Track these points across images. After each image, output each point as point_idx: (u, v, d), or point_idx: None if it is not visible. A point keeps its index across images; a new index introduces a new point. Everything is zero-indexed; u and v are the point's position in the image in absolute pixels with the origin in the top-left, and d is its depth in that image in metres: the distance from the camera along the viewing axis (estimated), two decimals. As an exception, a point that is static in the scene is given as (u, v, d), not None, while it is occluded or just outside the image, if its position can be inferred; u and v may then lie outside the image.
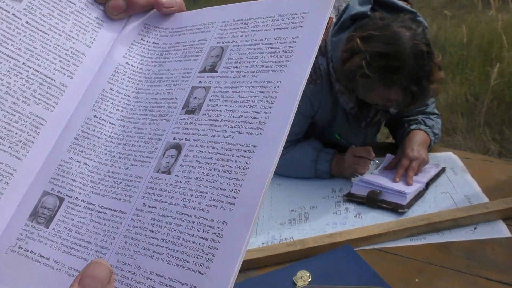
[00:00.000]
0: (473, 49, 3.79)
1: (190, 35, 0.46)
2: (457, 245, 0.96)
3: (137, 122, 0.43)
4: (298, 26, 0.41)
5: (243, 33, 0.43)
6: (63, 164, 0.41)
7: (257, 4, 0.44)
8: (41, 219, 0.39)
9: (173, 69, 0.45)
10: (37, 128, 0.41)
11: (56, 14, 0.44)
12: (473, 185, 1.16)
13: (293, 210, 1.17)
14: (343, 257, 0.94)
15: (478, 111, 3.23)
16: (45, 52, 0.42)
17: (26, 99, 0.40)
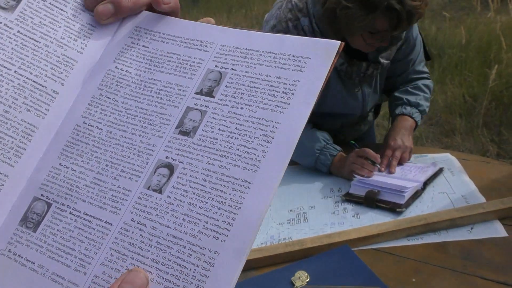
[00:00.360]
0: (471, 51, 3.80)
1: (185, 48, 0.45)
2: (454, 245, 0.97)
3: (126, 131, 0.43)
4: (300, 70, 0.41)
5: (243, 63, 0.43)
6: (53, 170, 0.42)
7: (259, 36, 0.44)
8: (30, 224, 0.40)
9: (166, 82, 0.44)
10: (28, 135, 0.41)
11: (48, 22, 0.44)
12: (470, 186, 1.17)
13: (291, 210, 1.18)
14: (341, 257, 0.94)
15: (476, 112, 3.24)
16: (36, 60, 0.43)
17: (17, 106, 0.41)
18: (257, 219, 0.36)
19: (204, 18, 0.48)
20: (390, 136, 1.37)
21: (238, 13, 6.73)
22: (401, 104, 1.45)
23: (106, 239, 0.38)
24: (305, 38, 0.42)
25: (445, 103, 3.47)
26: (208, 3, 7.53)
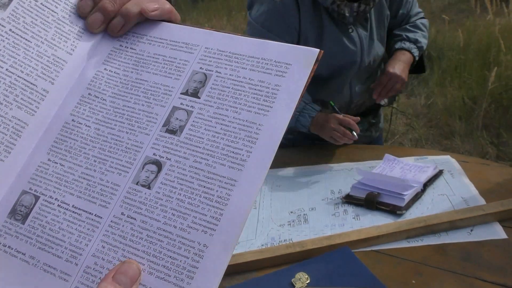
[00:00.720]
0: (471, 53, 3.81)
1: (171, 50, 0.47)
2: (454, 247, 0.98)
3: (113, 128, 0.44)
4: (281, 75, 0.43)
5: (227, 66, 0.45)
6: (42, 165, 0.43)
7: (242, 40, 0.46)
8: (18, 216, 0.41)
9: (153, 82, 0.46)
10: (18, 131, 0.42)
11: (39, 23, 0.45)
12: (470, 188, 1.17)
13: (292, 212, 1.18)
14: (341, 259, 0.95)
15: (476, 114, 3.25)
16: (27, 59, 0.44)
17: (8, 103, 0.42)
18: (243, 215, 0.38)
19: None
20: (389, 65, 1.45)
21: (238, 16, 6.74)
22: (400, 40, 1.52)
23: (96, 232, 0.40)
24: (286, 45, 0.44)
25: (444, 106, 3.47)
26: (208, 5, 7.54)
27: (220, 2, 7.48)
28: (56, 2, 0.47)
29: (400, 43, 1.51)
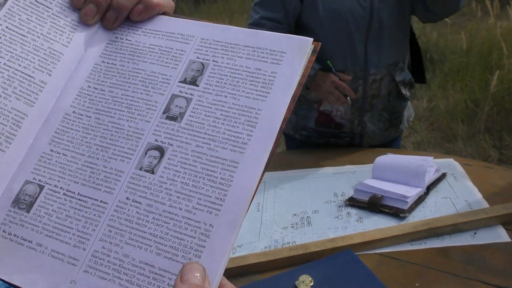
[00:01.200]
0: (473, 56, 3.81)
1: (166, 41, 0.48)
2: (457, 250, 0.98)
3: (113, 117, 0.45)
4: (277, 63, 0.44)
5: (224, 55, 0.46)
6: (45, 156, 0.44)
7: (236, 31, 0.47)
8: (22, 205, 0.42)
9: (150, 71, 0.47)
10: (18, 122, 0.43)
11: (34, 19, 0.47)
12: (473, 191, 1.18)
13: (295, 215, 1.19)
14: (344, 261, 0.95)
15: (478, 117, 3.25)
16: (24, 53, 0.45)
17: (7, 95, 0.43)
18: (247, 195, 0.39)
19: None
20: None
21: (240, 18, 6.75)
22: None
23: (102, 217, 0.41)
24: (279, 35, 0.46)
25: (447, 109, 3.47)
26: (210, 7, 7.56)
27: (222, 4, 7.50)
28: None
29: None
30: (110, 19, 0.48)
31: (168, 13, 0.50)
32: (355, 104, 1.52)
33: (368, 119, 1.55)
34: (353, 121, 1.55)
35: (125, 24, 0.50)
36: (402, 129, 1.67)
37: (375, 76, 1.49)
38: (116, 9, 0.48)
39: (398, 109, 1.60)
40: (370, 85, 1.50)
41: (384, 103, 1.55)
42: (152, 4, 0.48)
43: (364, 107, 1.53)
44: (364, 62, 1.47)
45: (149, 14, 0.49)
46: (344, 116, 1.54)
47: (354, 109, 1.53)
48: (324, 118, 1.56)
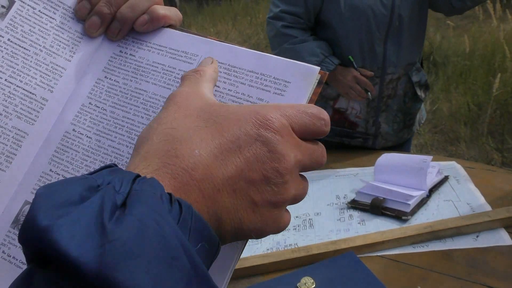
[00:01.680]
0: (476, 59, 3.81)
1: (170, 59, 0.46)
2: (459, 253, 0.97)
3: (113, 141, 0.43)
4: (280, 94, 0.41)
5: (226, 80, 0.43)
6: (44, 176, 0.43)
7: (242, 52, 0.44)
8: None
9: (152, 93, 0.44)
10: (19, 141, 0.42)
11: (37, 30, 0.45)
12: (476, 194, 1.17)
13: (297, 217, 1.19)
14: (346, 264, 0.95)
15: (481, 120, 3.24)
16: (26, 68, 0.43)
17: (8, 114, 0.42)
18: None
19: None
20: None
21: (243, 21, 6.76)
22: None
23: None
24: (286, 60, 0.42)
25: (449, 112, 3.47)
26: (213, 10, 7.57)
27: (225, 7, 7.51)
28: (54, 8, 0.46)
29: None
30: (114, 31, 0.47)
31: (175, 26, 0.48)
32: (370, 104, 1.52)
33: (383, 119, 1.56)
34: (368, 120, 1.55)
35: (130, 36, 0.48)
36: (414, 131, 1.67)
37: (392, 75, 1.50)
38: (120, 21, 0.46)
39: (412, 111, 1.60)
40: (387, 85, 1.51)
41: (400, 104, 1.56)
42: (158, 16, 0.46)
43: (379, 107, 1.53)
44: (382, 61, 1.48)
45: (154, 26, 0.47)
46: (359, 115, 1.54)
47: (369, 109, 1.53)
48: (338, 116, 1.56)
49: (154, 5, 0.46)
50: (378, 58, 1.47)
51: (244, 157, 0.31)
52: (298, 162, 0.33)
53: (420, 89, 1.57)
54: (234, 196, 0.31)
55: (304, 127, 0.34)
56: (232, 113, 0.33)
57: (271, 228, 0.33)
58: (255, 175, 0.31)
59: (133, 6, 0.46)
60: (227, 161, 0.31)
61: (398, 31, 1.45)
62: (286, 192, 0.32)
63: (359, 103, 1.53)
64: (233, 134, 0.32)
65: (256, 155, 0.31)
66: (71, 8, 0.47)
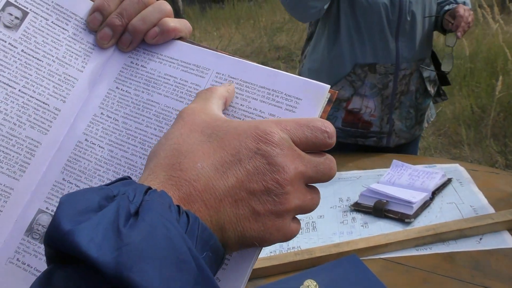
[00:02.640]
0: (479, 62, 3.81)
1: (182, 72, 0.46)
2: (462, 255, 0.97)
3: (126, 151, 0.44)
4: (291, 110, 0.41)
5: (238, 95, 0.43)
6: (57, 185, 0.43)
7: (253, 68, 0.44)
8: (36, 235, 0.42)
9: (164, 105, 0.45)
10: (32, 150, 0.43)
11: (50, 41, 0.45)
12: (479, 196, 1.17)
13: (300, 219, 1.18)
14: (349, 266, 0.95)
15: (484, 123, 3.24)
16: (39, 79, 0.44)
17: (22, 123, 0.43)
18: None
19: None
20: (456, 10, 1.46)
21: (246, 24, 6.78)
22: (449, 3, 1.54)
23: None
24: (297, 78, 0.43)
25: (453, 114, 3.47)
26: (217, 14, 7.59)
27: (229, 10, 7.52)
28: (66, 19, 0.47)
29: (451, 6, 1.52)
30: (125, 42, 0.47)
31: (185, 38, 0.48)
32: (384, 101, 1.53)
33: (397, 116, 1.57)
34: (382, 118, 1.55)
35: (141, 47, 0.48)
36: (423, 128, 1.69)
37: (405, 71, 1.52)
38: (132, 32, 0.46)
39: (423, 106, 1.62)
40: (400, 81, 1.52)
41: (412, 100, 1.57)
42: (168, 29, 0.46)
43: (393, 103, 1.54)
44: (396, 57, 1.49)
45: (165, 38, 0.47)
46: (374, 113, 1.55)
47: (383, 106, 1.54)
48: (352, 117, 1.57)
49: (165, 18, 0.47)
50: (392, 55, 1.49)
51: (244, 169, 0.33)
52: (301, 173, 0.34)
53: (430, 84, 1.60)
54: (235, 205, 0.32)
55: (306, 140, 0.35)
56: (233, 128, 0.35)
57: (275, 236, 0.34)
58: (256, 185, 0.32)
59: (144, 19, 0.46)
60: (228, 173, 0.33)
61: (410, 27, 1.47)
62: (287, 202, 0.33)
63: (373, 101, 1.53)
64: (233, 147, 0.33)
65: (256, 167, 0.33)
66: (83, 20, 0.47)
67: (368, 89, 1.52)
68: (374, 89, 1.50)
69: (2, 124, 0.42)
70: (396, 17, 1.45)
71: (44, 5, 0.46)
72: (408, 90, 1.55)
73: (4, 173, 0.42)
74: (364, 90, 1.52)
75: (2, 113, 0.42)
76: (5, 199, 0.41)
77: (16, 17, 0.44)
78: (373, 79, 1.50)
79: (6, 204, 0.41)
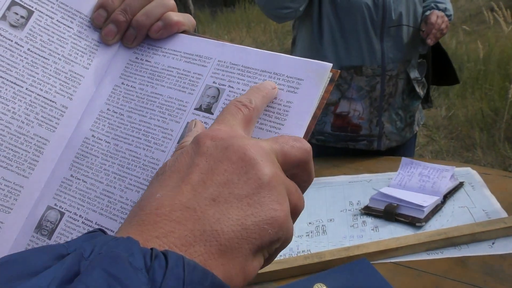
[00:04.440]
0: (492, 64, 3.77)
1: (185, 63, 0.47)
2: (475, 260, 0.96)
3: (131, 144, 0.44)
4: (293, 91, 0.42)
5: (240, 81, 0.44)
6: (65, 181, 0.44)
7: (254, 53, 0.45)
8: (44, 231, 0.42)
9: (167, 96, 0.45)
10: (40, 148, 0.44)
11: (56, 39, 0.46)
12: (491, 200, 1.16)
13: (310, 223, 1.18)
14: (359, 270, 0.94)
15: (497, 126, 3.20)
16: (46, 77, 0.45)
17: (30, 122, 0.43)
18: None
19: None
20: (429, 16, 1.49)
21: (257, 28, 6.79)
22: (430, 8, 1.54)
23: None
24: (298, 59, 0.43)
25: (465, 117, 3.44)
26: (228, 17, 7.61)
27: (239, 14, 7.55)
28: (71, 17, 0.47)
29: (430, 10, 1.53)
30: (129, 38, 0.48)
31: (188, 31, 0.49)
32: (373, 103, 1.52)
33: (386, 119, 1.56)
34: (371, 120, 1.55)
35: (145, 42, 0.49)
36: (415, 131, 1.68)
37: (392, 72, 1.51)
38: (136, 28, 0.47)
39: (412, 108, 1.62)
40: (387, 82, 1.52)
41: (400, 101, 1.57)
42: (172, 23, 0.47)
43: (381, 106, 1.54)
44: (381, 58, 1.49)
45: (168, 32, 0.47)
46: (362, 116, 1.54)
47: (372, 109, 1.53)
48: (341, 121, 1.56)
49: (168, 12, 0.47)
50: (377, 56, 1.49)
51: (202, 169, 0.31)
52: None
53: (418, 85, 1.60)
54: (214, 204, 0.29)
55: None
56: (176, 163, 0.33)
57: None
58: (221, 177, 0.30)
59: (148, 13, 0.47)
60: (188, 183, 0.30)
61: (396, 27, 1.48)
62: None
63: (361, 104, 1.53)
64: (186, 168, 0.32)
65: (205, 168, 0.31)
66: (87, 17, 0.48)
67: (355, 92, 1.52)
68: (361, 92, 1.50)
69: (11, 123, 0.43)
70: (380, 17, 1.45)
71: (49, 4, 0.46)
72: (396, 91, 1.55)
73: (14, 171, 0.42)
74: (351, 93, 1.52)
75: (10, 111, 0.43)
76: (15, 197, 0.42)
77: (21, 16, 0.45)
78: (359, 82, 1.50)
79: (16, 202, 0.42)
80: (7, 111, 0.42)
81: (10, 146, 0.42)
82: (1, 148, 0.42)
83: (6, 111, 0.42)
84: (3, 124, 0.42)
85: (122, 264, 0.24)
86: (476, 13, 5.35)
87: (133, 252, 0.25)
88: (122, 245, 0.25)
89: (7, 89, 0.43)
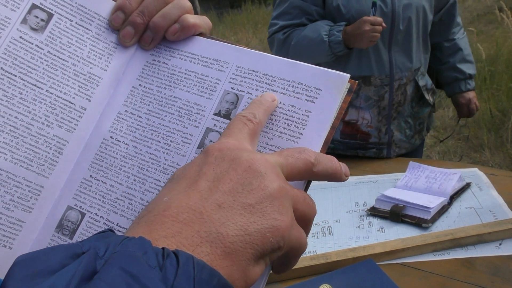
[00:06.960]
0: (500, 65, 3.75)
1: (202, 67, 0.47)
2: (482, 261, 0.96)
3: (150, 147, 0.44)
4: (312, 101, 0.42)
5: (258, 88, 0.44)
6: (85, 182, 0.44)
7: (272, 60, 0.44)
8: (65, 231, 0.43)
9: (186, 100, 0.45)
10: (60, 149, 0.44)
11: (75, 42, 0.47)
12: (498, 201, 1.15)
13: (316, 224, 1.18)
14: (365, 271, 0.94)
15: (505, 127, 3.18)
16: (65, 79, 0.45)
17: (49, 123, 0.44)
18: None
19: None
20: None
21: (263, 29, 6.79)
22: (456, 80, 1.64)
23: None
24: (316, 68, 0.43)
25: (473, 118, 3.41)
26: (234, 19, 7.62)
27: (246, 15, 7.55)
28: (90, 19, 0.48)
29: (464, 84, 1.65)
30: (147, 40, 0.48)
31: (205, 34, 0.49)
32: (382, 112, 1.52)
33: (395, 127, 1.55)
34: (380, 129, 1.54)
35: (162, 44, 0.49)
36: (424, 137, 1.68)
37: (400, 81, 1.50)
38: (153, 30, 0.47)
39: (421, 115, 1.61)
40: (396, 91, 1.51)
41: (409, 109, 1.56)
42: (188, 25, 0.47)
43: (390, 114, 1.53)
44: (390, 68, 1.48)
45: (185, 34, 0.48)
46: (370, 124, 1.54)
47: (381, 117, 1.53)
48: (350, 129, 1.56)
49: (185, 14, 0.48)
50: (385, 66, 1.48)
51: (209, 177, 0.33)
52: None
53: (427, 93, 1.59)
54: (219, 209, 0.31)
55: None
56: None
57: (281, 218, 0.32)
58: (227, 185, 0.32)
59: (165, 16, 0.47)
60: (195, 189, 0.32)
61: (403, 37, 1.47)
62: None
63: (369, 113, 1.53)
64: (191, 174, 0.34)
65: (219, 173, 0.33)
66: (105, 19, 0.49)
67: (363, 101, 1.52)
68: (369, 101, 1.50)
69: (31, 124, 0.43)
70: (389, 27, 1.45)
71: (68, 6, 0.47)
72: (405, 100, 1.54)
73: (34, 172, 0.43)
74: (359, 102, 1.52)
75: (31, 113, 0.44)
76: (36, 196, 0.43)
77: (41, 19, 0.45)
78: (368, 92, 1.50)
79: (37, 202, 0.43)
80: (28, 113, 0.43)
81: (30, 147, 0.43)
82: (22, 149, 0.43)
83: (27, 113, 0.43)
84: (24, 126, 0.43)
85: (138, 262, 0.25)
86: (484, 13, 5.33)
87: (147, 251, 0.26)
88: (136, 245, 0.26)
89: (28, 91, 0.44)
